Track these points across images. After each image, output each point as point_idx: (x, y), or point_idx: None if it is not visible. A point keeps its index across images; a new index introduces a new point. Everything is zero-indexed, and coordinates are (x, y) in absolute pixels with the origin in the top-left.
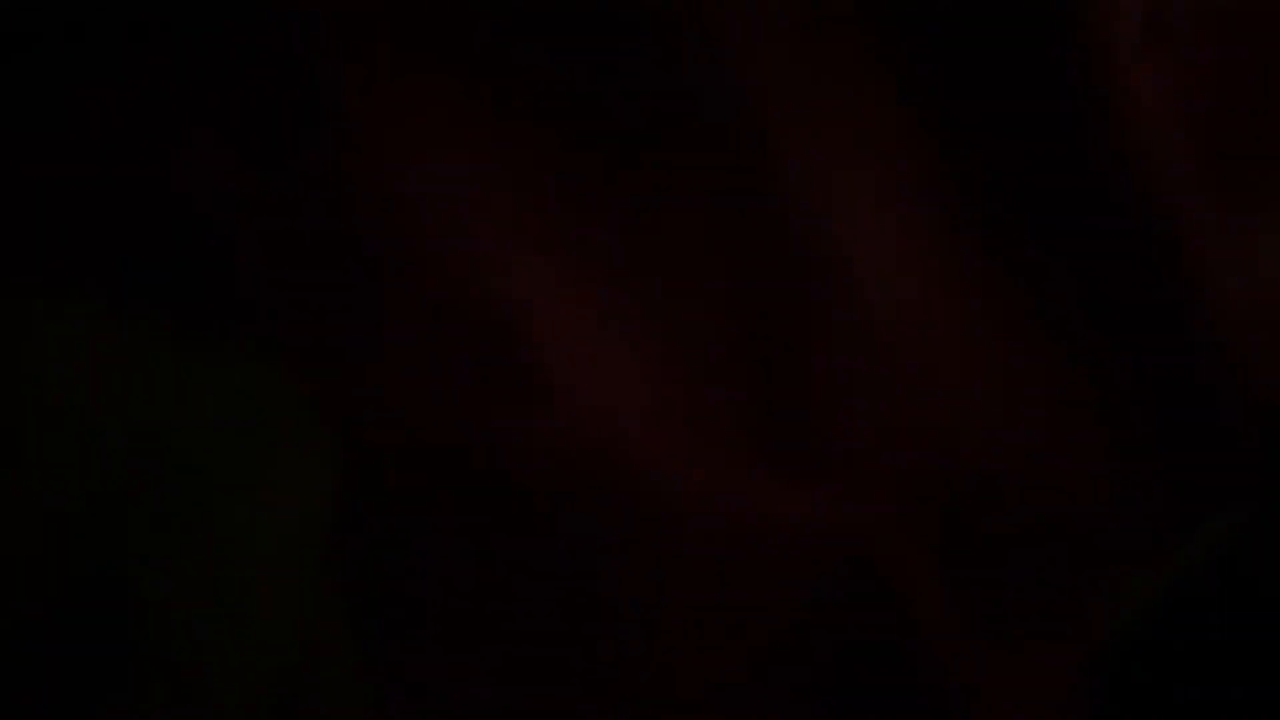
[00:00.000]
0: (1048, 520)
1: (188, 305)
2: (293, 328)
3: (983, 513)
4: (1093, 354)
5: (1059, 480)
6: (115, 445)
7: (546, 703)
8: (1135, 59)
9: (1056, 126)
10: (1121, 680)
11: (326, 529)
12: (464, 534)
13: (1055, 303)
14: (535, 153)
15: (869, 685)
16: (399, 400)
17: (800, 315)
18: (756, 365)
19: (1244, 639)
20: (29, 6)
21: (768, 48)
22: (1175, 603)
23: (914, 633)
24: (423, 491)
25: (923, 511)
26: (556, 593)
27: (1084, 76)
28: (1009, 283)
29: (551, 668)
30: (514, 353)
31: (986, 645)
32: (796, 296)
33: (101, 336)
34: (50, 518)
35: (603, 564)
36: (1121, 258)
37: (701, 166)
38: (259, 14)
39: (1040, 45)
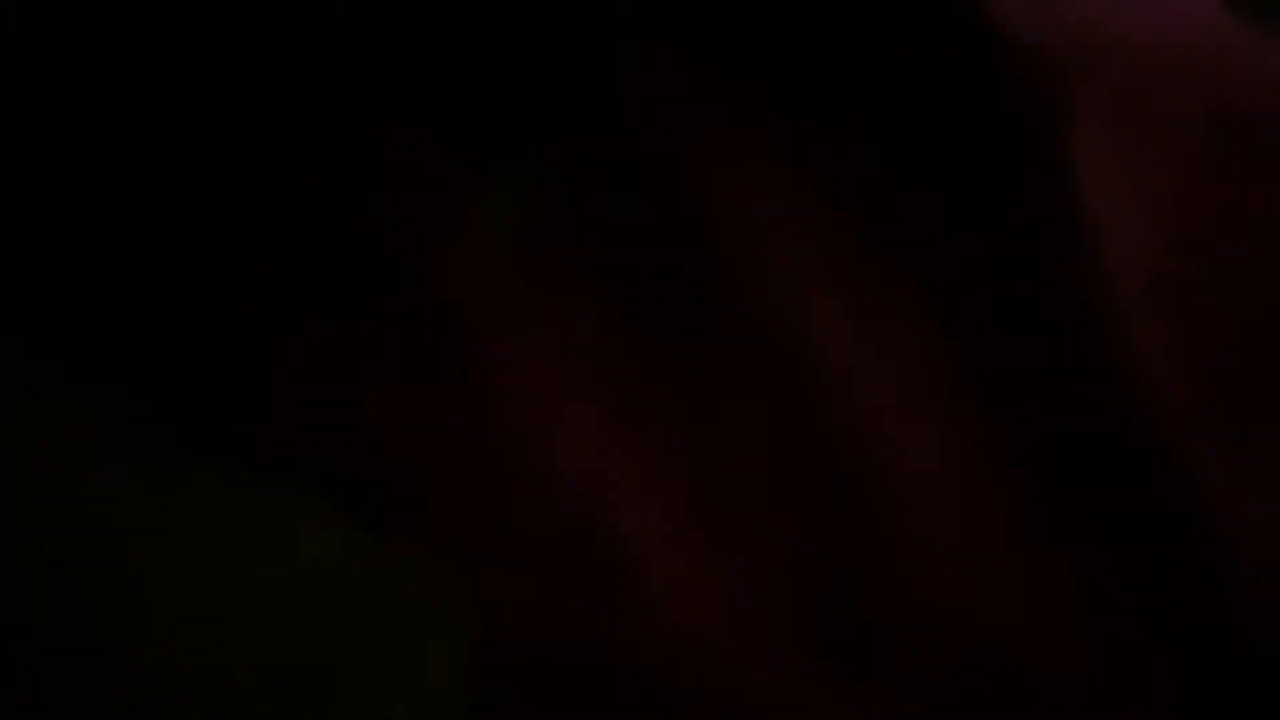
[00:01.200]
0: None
1: (360, 504)
2: (444, 534)
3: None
4: (1126, 591)
5: (1087, 690)
6: (292, 614)
7: None
8: (1141, 317)
9: (1070, 377)
10: None
11: (461, 707)
12: (572, 715)
13: (1085, 531)
14: (632, 393)
15: None
16: (523, 604)
17: (852, 537)
18: (815, 581)
19: None
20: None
21: (826, 296)
22: None
23: None
24: (540, 681)
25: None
26: None
27: (1093, 335)
28: (1040, 513)
29: None
30: (619, 576)
31: None
32: (848, 519)
33: (290, 524)
34: (222, 671)
35: None
36: (1147, 509)
37: (765, 402)
38: (431, 271)
39: (1052, 301)
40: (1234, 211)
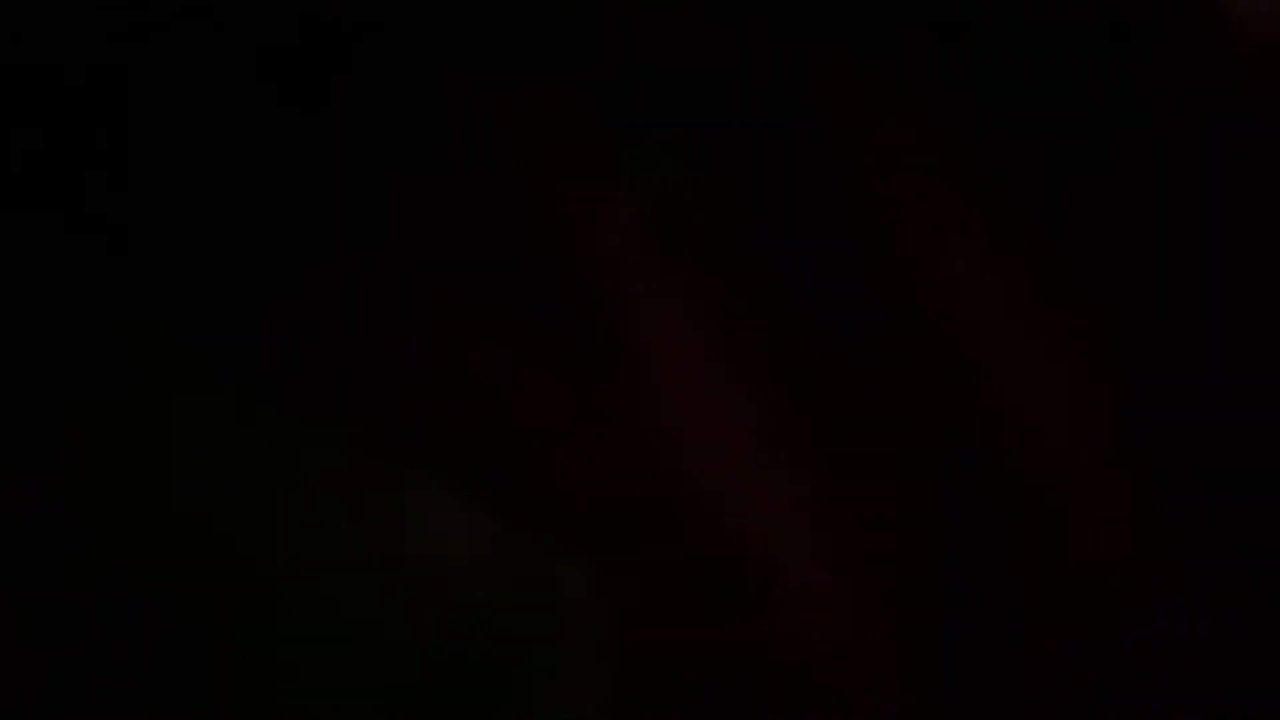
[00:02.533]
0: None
1: (497, 494)
2: (578, 529)
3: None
4: None
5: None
6: (435, 605)
7: None
8: None
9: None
10: None
11: (598, 704)
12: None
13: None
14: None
15: None
16: (659, 613)
17: (987, 562)
18: (938, 601)
19: None
20: None
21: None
22: None
23: None
24: (669, 682)
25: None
26: None
27: None
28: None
29: None
30: (750, 579)
31: None
32: (981, 545)
33: (430, 513)
34: (367, 665)
35: None
36: None
37: (910, 414)
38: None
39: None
40: None
